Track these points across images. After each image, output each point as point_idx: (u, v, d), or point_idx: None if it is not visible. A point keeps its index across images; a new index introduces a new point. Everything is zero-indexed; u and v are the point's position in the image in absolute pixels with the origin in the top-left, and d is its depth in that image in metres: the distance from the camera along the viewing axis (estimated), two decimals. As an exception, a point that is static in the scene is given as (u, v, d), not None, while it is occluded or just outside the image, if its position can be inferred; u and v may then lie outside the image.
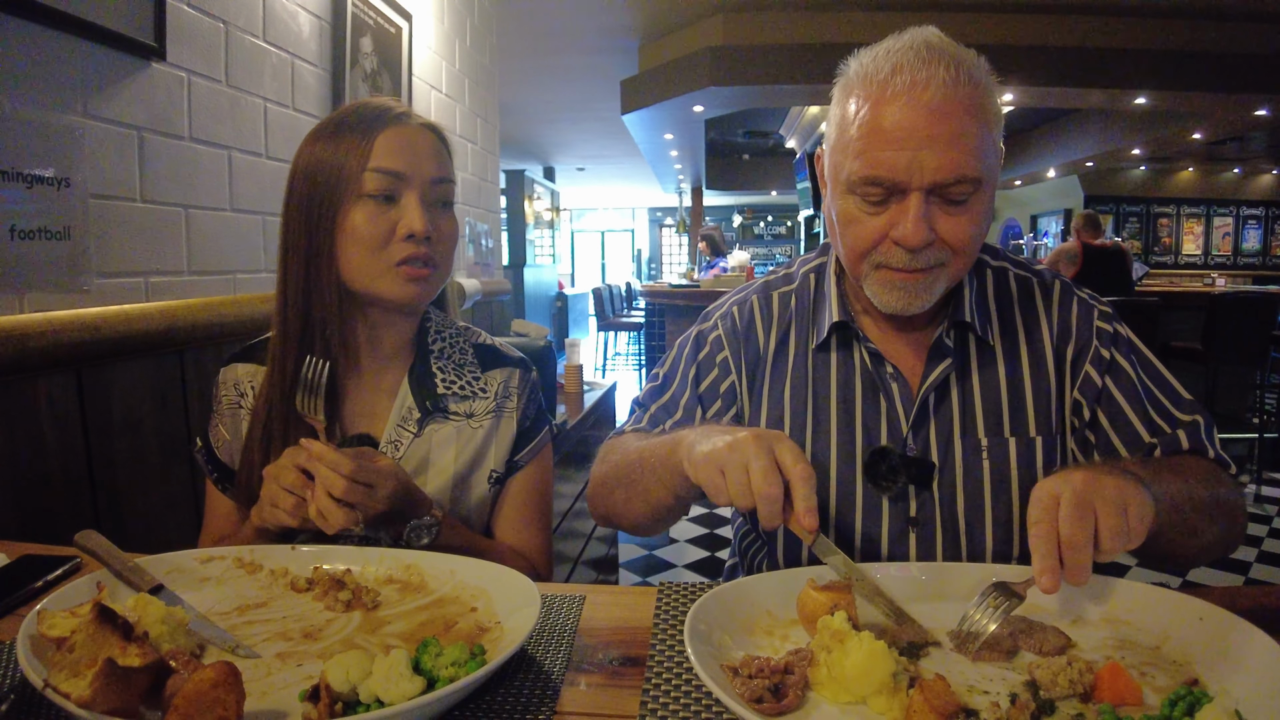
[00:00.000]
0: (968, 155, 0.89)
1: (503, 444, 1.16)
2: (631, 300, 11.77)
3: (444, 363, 1.15)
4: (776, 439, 0.81)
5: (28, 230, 1.32)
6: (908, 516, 1.03)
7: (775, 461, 0.79)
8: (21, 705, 0.65)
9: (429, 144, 1.07)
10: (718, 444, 0.82)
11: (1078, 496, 0.71)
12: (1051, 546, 0.70)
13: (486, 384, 1.17)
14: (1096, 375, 1.03)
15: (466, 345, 1.19)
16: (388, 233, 1.03)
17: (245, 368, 1.16)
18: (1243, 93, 6.74)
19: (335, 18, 2.28)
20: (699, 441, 0.85)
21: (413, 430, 1.11)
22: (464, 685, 0.63)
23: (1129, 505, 0.71)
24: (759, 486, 0.78)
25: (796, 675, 0.65)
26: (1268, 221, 13.13)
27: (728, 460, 0.80)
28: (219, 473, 1.16)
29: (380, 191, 1.02)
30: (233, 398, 1.15)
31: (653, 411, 1.17)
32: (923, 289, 0.96)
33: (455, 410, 1.14)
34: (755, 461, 0.78)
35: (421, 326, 1.17)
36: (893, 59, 0.91)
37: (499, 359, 1.20)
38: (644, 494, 0.99)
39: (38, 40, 1.33)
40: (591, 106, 9.32)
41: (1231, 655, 0.68)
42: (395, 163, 1.03)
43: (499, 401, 1.17)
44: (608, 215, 21.83)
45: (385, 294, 1.05)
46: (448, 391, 1.13)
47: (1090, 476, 0.73)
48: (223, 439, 1.15)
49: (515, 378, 1.19)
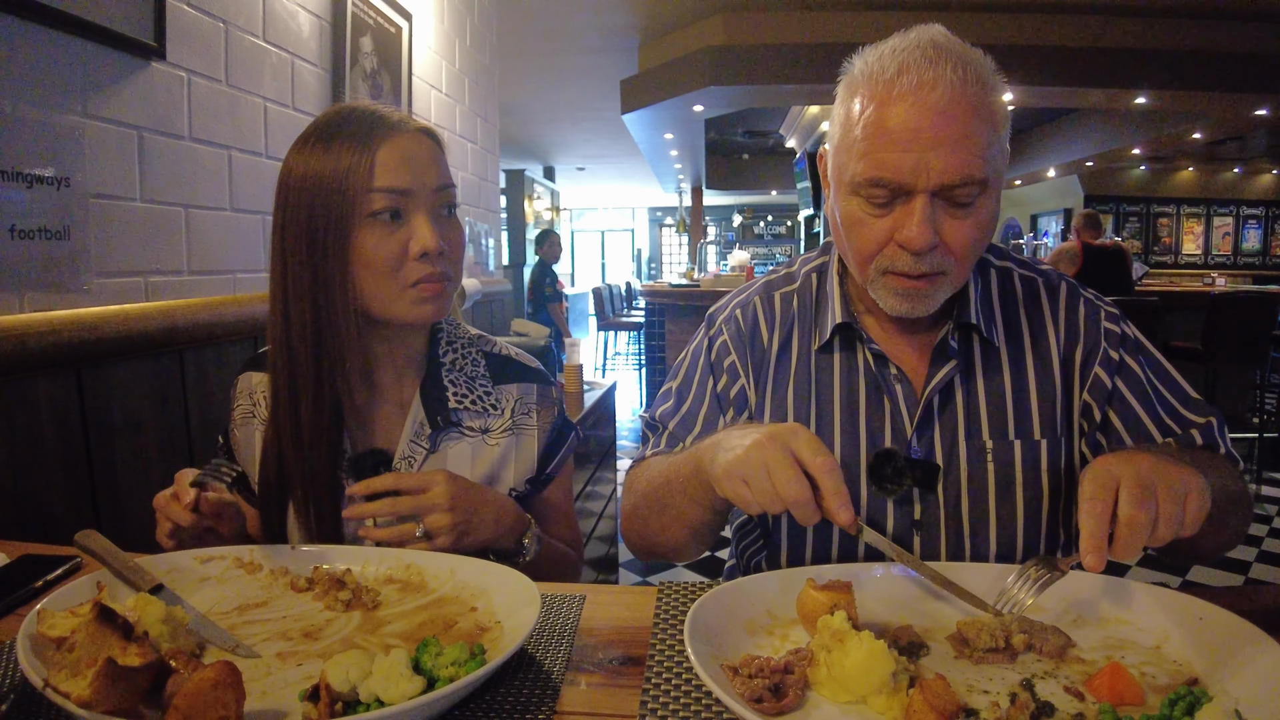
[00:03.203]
0: (974, 157, 0.88)
1: (523, 464, 1.13)
2: (631, 300, 11.76)
3: (455, 375, 1.11)
4: (792, 434, 0.78)
5: (28, 230, 1.32)
6: (912, 519, 1.03)
7: (795, 459, 0.77)
8: (21, 705, 0.65)
9: (428, 151, 1.03)
10: (736, 452, 0.79)
11: (1142, 479, 0.69)
12: (1104, 525, 0.68)
13: (500, 399, 1.13)
14: (1106, 377, 1.03)
15: (478, 356, 1.15)
16: (400, 254, 0.98)
17: (260, 376, 1.13)
18: (1243, 92, 6.74)
19: (335, 17, 2.28)
20: (718, 452, 0.83)
21: (426, 446, 1.08)
22: (464, 685, 0.63)
23: (1189, 494, 0.71)
24: (785, 493, 0.76)
25: (796, 675, 0.65)
26: (1268, 221, 13.12)
27: (748, 469, 0.78)
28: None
29: (387, 210, 0.97)
30: (247, 407, 1.14)
31: (671, 429, 1.12)
32: (927, 296, 0.95)
33: (470, 425, 1.11)
34: (775, 465, 0.76)
35: (433, 336, 1.13)
36: (898, 58, 0.90)
37: (514, 372, 1.16)
38: (679, 515, 0.97)
39: (38, 40, 1.33)
40: (591, 106, 9.32)
41: (1231, 655, 0.68)
42: (400, 179, 0.97)
43: (515, 419, 1.13)
44: (608, 215, 21.82)
45: (402, 317, 1.01)
46: (459, 405, 1.10)
47: (1155, 461, 0.72)
48: (239, 445, 1.15)
49: (533, 393, 1.15)
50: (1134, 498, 0.68)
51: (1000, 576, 0.82)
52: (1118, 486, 0.70)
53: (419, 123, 1.05)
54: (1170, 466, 0.72)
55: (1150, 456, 0.73)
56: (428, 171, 1.01)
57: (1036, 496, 1.02)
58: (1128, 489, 0.69)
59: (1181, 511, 0.70)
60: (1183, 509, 0.70)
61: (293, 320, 0.99)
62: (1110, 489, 0.70)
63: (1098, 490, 0.70)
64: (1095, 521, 0.69)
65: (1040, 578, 0.73)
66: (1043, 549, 1.04)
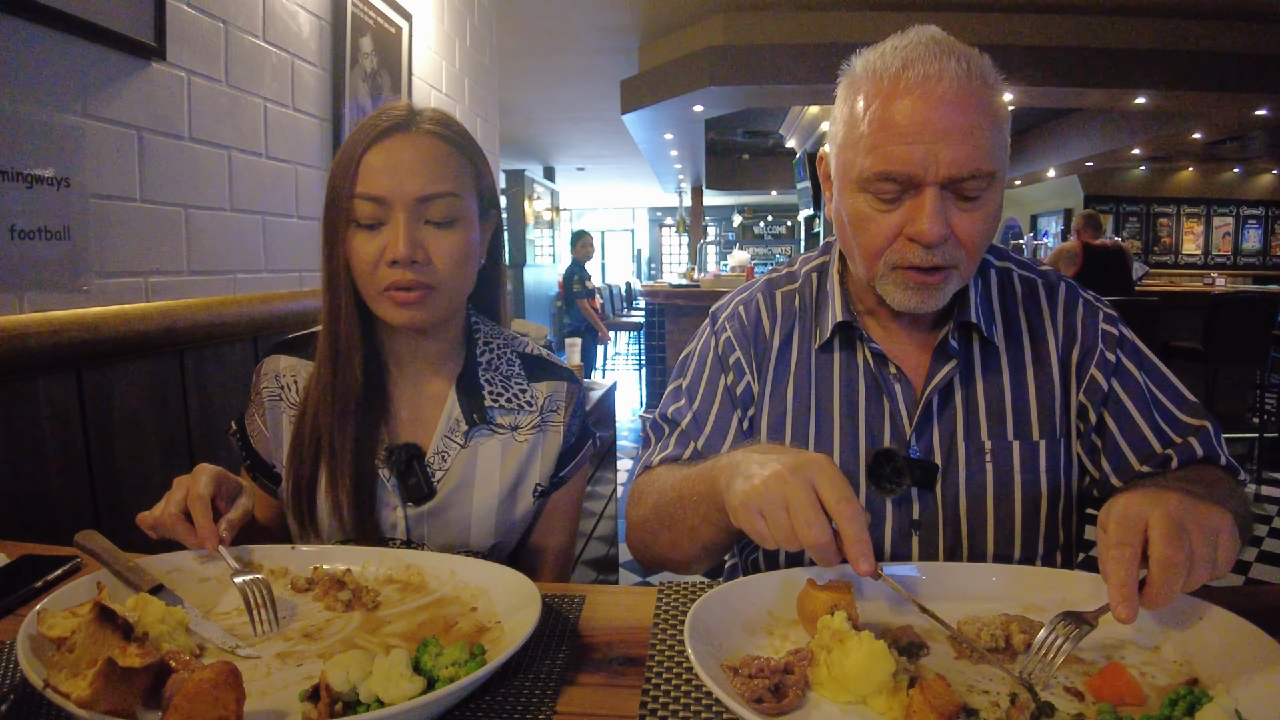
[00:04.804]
0: (982, 149, 0.88)
1: (548, 459, 1.15)
2: (631, 300, 11.76)
3: (491, 374, 1.13)
4: (817, 470, 0.73)
5: (28, 230, 1.32)
6: (910, 519, 1.03)
7: (816, 499, 0.72)
8: (21, 705, 0.65)
9: (422, 156, 1.00)
10: (754, 482, 0.75)
11: (1172, 519, 0.65)
12: (1134, 572, 0.64)
13: (534, 396, 1.15)
14: (1102, 379, 1.03)
15: (513, 355, 1.17)
16: (376, 258, 1.00)
17: (288, 360, 1.13)
18: (1243, 93, 6.74)
19: (335, 18, 2.28)
20: (736, 478, 0.78)
21: (460, 442, 1.10)
22: (464, 685, 0.63)
23: (1220, 534, 0.67)
24: (804, 537, 0.71)
25: (796, 675, 0.65)
26: (1268, 221, 13.12)
27: (765, 502, 0.73)
28: (252, 460, 1.15)
29: (365, 220, 0.99)
30: (273, 389, 1.13)
31: (684, 427, 1.10)
32: (937, 290, 0.95)
33: (500, 423, 1.12)
34: (796, 504, 0.72)
35: (470, 336, 1.15)
36: (901, 54, 0.90)
37: (546, 370, 1.18)
38: (691, 533, 0.93)
39: (38, 40, 1.33)
40: (591, 106, 9.31)
41: (1231, 655, 0.68)
42: (377, 186, 0.98)
43: (544, 415, 1.15)
44: (608, 215, 21.81)
45: (384, 317, 1.03)
46: (494, 404, 1.11)
47: (1184, 501, 0.68)
48: (259, 431, 1.14)
49: (562, 391, 1.17)
50: (1166, 538, 0.64)
51: (998, 575, 0.82)
52: (1145, 528, 0.66)
53: (428, 125, 1.02)
54: (1199, 505, 0.68)
55: (1177, 495, 0.69)
56: (410, 180, 0.98)
57: (1035, 497, 1.02)
58: (1159, 529, 0.65)
59: (1215, 552, 0.66)
60: (1215, 548, 0.66)
61: (329, 309, 1.05)
62: (1138, 531, 0.66)
63: (1124, 534, 0.66)
64: (1124, 569, 0.64)
65: (1069, 632, 0.68)
66: (1041, 550, 1.04)
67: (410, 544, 1.08)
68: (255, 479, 1.16)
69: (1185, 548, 0.64)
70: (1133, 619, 0.63)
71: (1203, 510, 0.68)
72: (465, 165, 1.05)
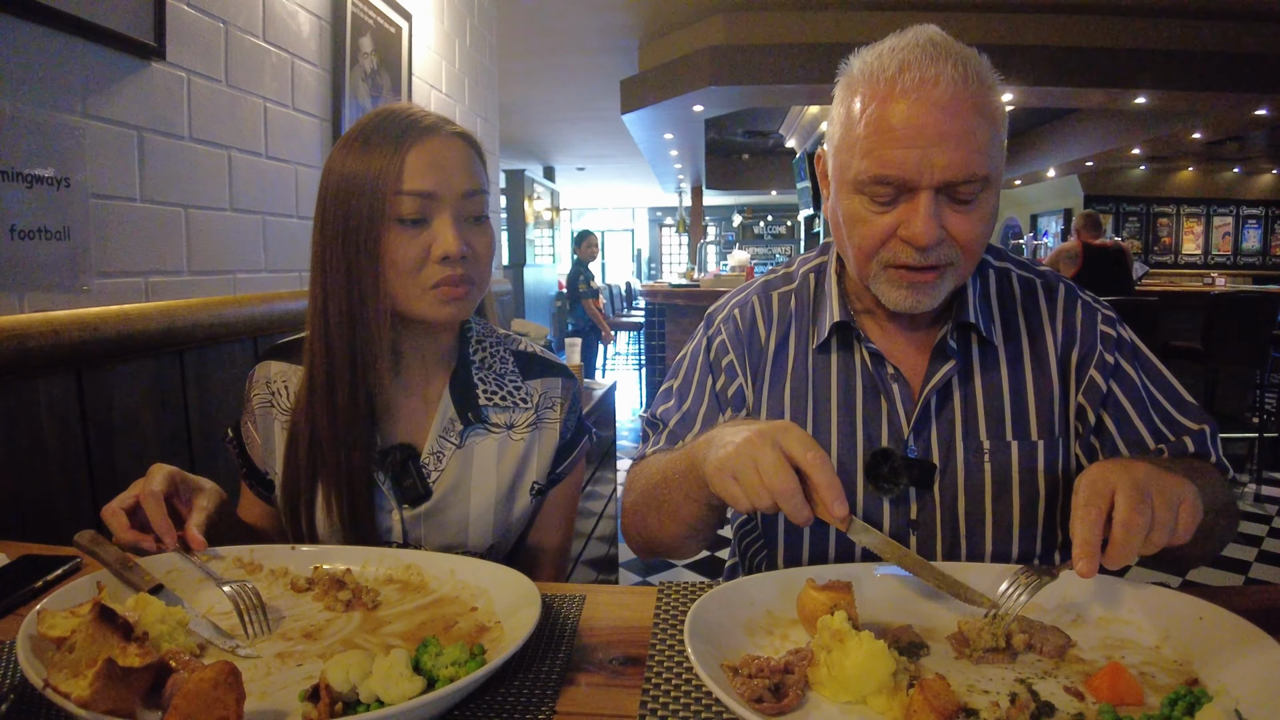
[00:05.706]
0: (977, 153, 0.88)
1: (544, 456, 1.15)
2: (631, 300, 11.76)
3: (485, 373, 1.13)
4: (781, 431, 0.79)
5: (28, 230, 1.32)
6: (908, 518, 1.03)
7: (784, 455, 0.77)
8: (21, 705, 0.65)
9: (459, 156, 1.03)
10: (727, 449, 0.80)
11: (1138, 486, 0.71)
12: (1098, 531, 0.69)
13: (528, 393, 1.14)
14: (1101, 380, 1.03)
15: (506, 353, 1.17)
16: (422, 256, 1.00)
17: (279, 366, 1.13)
18: (1243, 92, 6.73)
19: (335, 17, 2.28)
20: (711, 449, 0.84)
21: (455, 442, 1.09)
22: (464, 685, 0.63)
23: (1182, 503, 0.72)
24: (771, 484, 0.76)
25: (796, 675, 0.65)
26: (1268, 221, 13.12)
27: (737, 465, 0.78)
28: (248, 468, 1.15)
29: (411, 216, 0.99)
30: (264, 396, 1.13)
31: (671, 427, 1.13)
32: (931, 288, 0.95)
33: (496, 422, 1.12)
34: (763, 460, 0.77)
35: (463, 335, 1.15)
36: (899, 56, 0.90)
37: (541, 367, 1.18)
38: (674, 512, 0.97)
39: (38, 40, 1.33)
40: (591, 106, 9.31)
41: (1231, 655, 0.68)
42: (426, 183, 0.99)
43: (540, 412, 1.15)
44: (608, 215, 21.81)
45: (424, 315, 1.03)
46: (489, 403, 1.11)
47: (1151, 470, 0.73)
48: (253, 439, 1.14)
49: (557, 387, 1.17)
50: (1130, 503, 0.69)
51: (995, 576, 0.82)
52: (1113, 493, 0.71)
53: (455, 127, 1.06)
54: (1165, 475, 0.73)
55: (1145, 465, 0.74)
56: (455, 176, 1.01)
57: (1033, 497, 1.02)
58: (1124, 495, 0.70)
59: (1175, 518, 0.71)
60: (1176, 516, 0.71)
61: (330, 315, 1.02)
62: (1105, 495, 0.71)
63: (1092, 497, 0.71)
64: (1089, 528, 0.69)
65: (1032, 582, 0.75)
66: (1039, 550, 1.04)
67: (408, 547, 1.08)
68: (251, 486, 1.16)
69: (1147, 512, 0.69)
70: (1092, 574, 0.69)
71: (1168, 480, 0.73)
72: (483, 167, 1.09)
